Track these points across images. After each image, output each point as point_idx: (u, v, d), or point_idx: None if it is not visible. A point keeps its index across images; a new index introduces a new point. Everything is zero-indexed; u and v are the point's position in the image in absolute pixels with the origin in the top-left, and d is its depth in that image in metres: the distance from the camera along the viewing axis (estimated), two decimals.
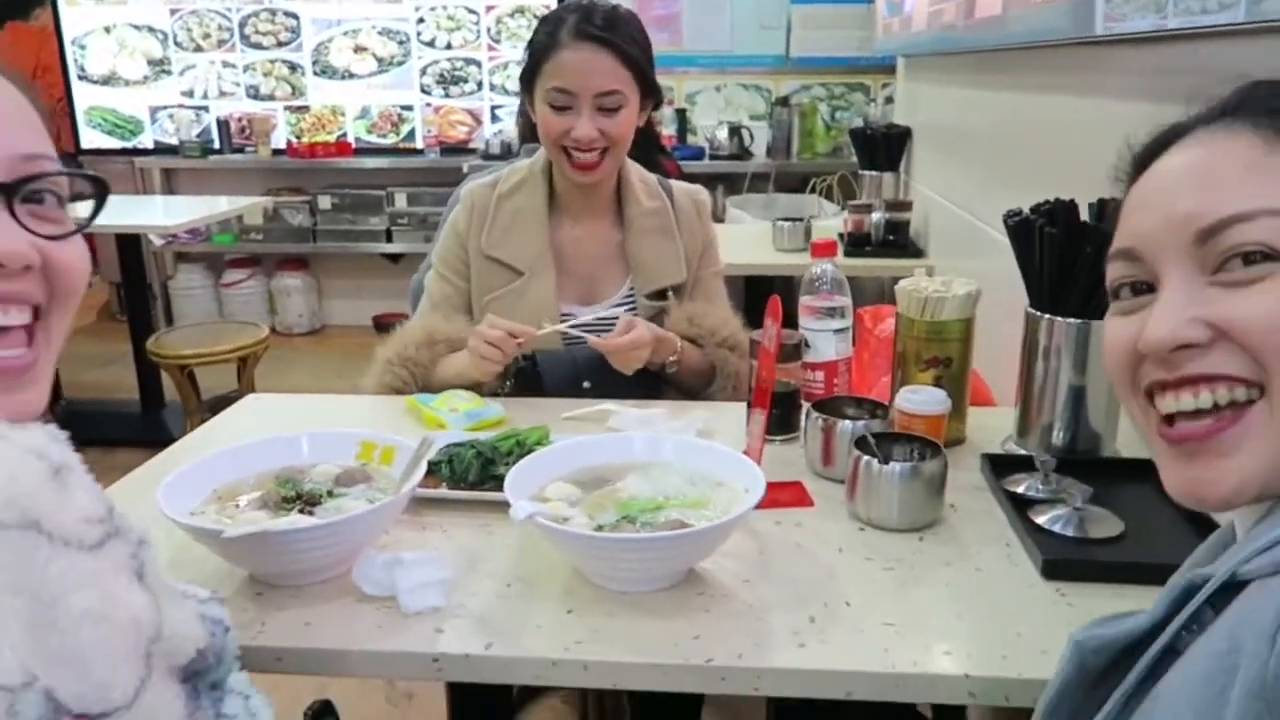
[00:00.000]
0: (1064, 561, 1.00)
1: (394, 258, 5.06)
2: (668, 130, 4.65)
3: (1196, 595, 0.62)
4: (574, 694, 2.12)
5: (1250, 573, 0.58)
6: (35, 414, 0.69)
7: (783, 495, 1.18)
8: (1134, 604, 0.70)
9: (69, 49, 5.00)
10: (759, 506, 1.02)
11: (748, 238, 3.06)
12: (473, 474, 1.18)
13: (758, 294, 2.68)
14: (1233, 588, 0.60)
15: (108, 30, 5.03)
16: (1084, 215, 1.23)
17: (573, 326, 1.51)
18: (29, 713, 0.51)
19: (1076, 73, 1.64)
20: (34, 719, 0.51)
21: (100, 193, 0.75)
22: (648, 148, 2.36)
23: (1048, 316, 1.24)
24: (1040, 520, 1.08)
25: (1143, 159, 0.69)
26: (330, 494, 1.05)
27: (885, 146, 3.16)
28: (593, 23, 1.47)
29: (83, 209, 0.74)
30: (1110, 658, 0.65)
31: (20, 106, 0.69)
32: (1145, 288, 0.65)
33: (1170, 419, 0.64)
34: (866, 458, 1.11)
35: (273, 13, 4.97)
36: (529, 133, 2.33)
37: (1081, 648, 0.66)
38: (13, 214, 0.66)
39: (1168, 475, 0.65)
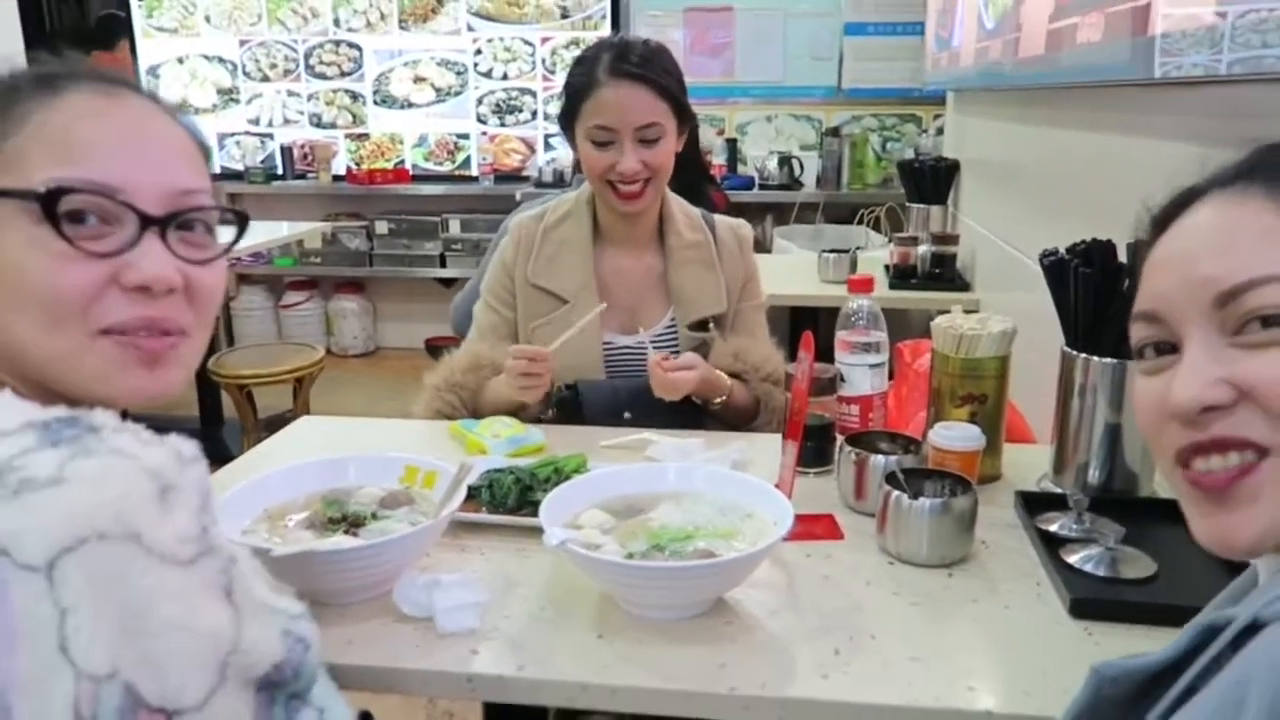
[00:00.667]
0: (1093, 601, 1.01)
1: (447, 282, 5.16)
2: (718, 160, 4.70)
3: (1219, 637, 0.63)
4: (609, 718, 2.13)
5: (1271, 616, 0.59)
6: (176, 392, 0.78)
7: (814, 527, 1.20)
8: (1162, 645, 0.70)
9: (144, 78, 5.22)
10: (790, 538, 1.04)
11: (794, 268, 3.08)
12: (511, 499, 1.22)
13: (802, 325, 2.70)
14: (1254, 630, 0.61)
15: (180, 61, 5.24)
16: (1122, 255, 1.23)
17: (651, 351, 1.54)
18: (110, 701, 0.58)
19: (1124, 112, 1.64)
20: (114, 708, 0.58)
21: (242, 223, 0.86)
22: (695, 177, 2.41)
23: (1083, 356, 1.25)
24: (1071, 559, 1.09)
25: (1160, 220, 0.70)
26: (374, 516, 1.10)
27: (933, 179, 3.16)
28: (629, 60, 1.52)
29: (228, 234, 0.84)
30: (1127, 689, 0.66)
31: (183, 145, 0.80)
32: (1169, 348, 0.67)
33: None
34: (896, 492, 1.12)
35: (337, 44, 5.14)
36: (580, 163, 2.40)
37: (1099, 675, 0.67)
38: (165, 241, 0.75)
39: (1195, 526, 0.67)
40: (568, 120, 1.59)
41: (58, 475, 0.60)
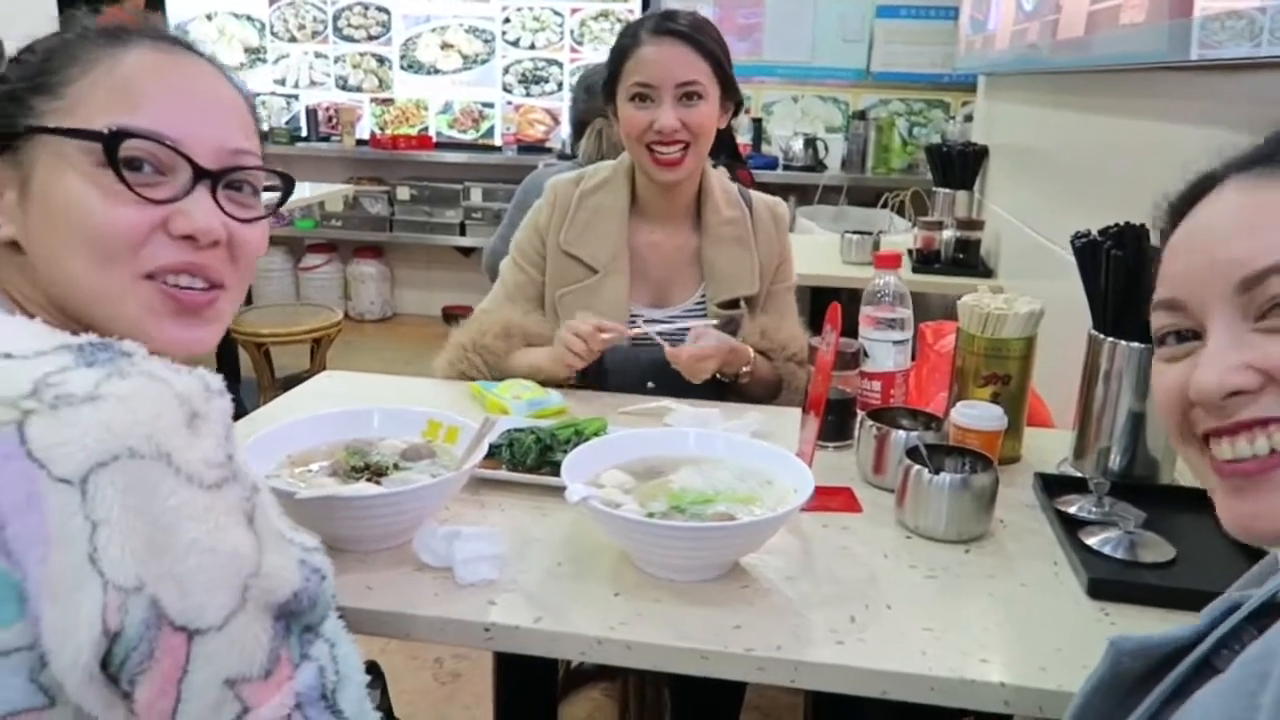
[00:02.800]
0: (1111, 582, 1.00)
1: (466, 251, 5.16)
2: (743, 139, 4.67)
3: (1235, 613, 0.63)
4: (614, 686, 2.15)
5: None
6: (209, 347, 0.81)
7: (832, 500, 1.20)
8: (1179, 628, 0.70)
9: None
10: (807, 508, 1.04)
11: (816, 249, 3.06)
12: (531, 458, 1.23)
13: (822, 305, 2.68)
14: (1275, 609, 0.61)
15: (209, 17, 5.24)
16: (1155, 240, 1.22)
17: (649, 327, 1.53)
18: (137, 613, 0.60)
19: (1162, 97, 1.62)
20: (139, 620, 0.60)
21: (288, 186, 0.89)
22: (724, 154, 2.40)
23: (1110, 340, 1.24)
24: (1090, 541, 1.08)
25: (1179, 208, 0.69)
26: (396, 467, 1.10)
27: (961, 165, 3.14)
28: (672, 20, 1.52)
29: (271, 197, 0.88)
30: (1146, 664, 0.66)
31: (238, 106, 0.83)
32: (1190, 334, 0.66)
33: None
34: (917, 467, 1.12)
35: (365, 7, 5.13)
36: (579, 130, 2.46)
37: (1117, 649, 0.67)
38: (214, 196, 0.78)
39: (1222, 510, 0.66)
40: (610, 88, 1.58)
41: (94, 392, 0.61)
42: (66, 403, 0.60)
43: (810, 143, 4.65)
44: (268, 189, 0.86)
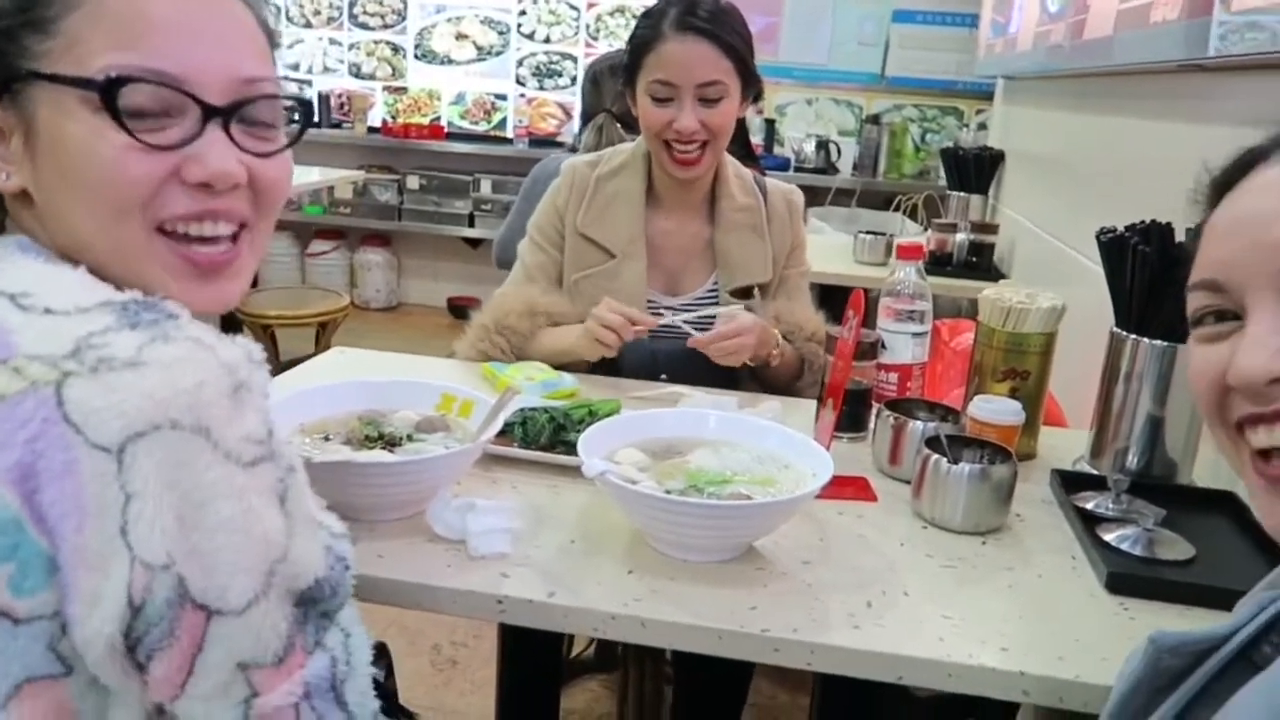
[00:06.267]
0: (1130, 577, 0.99)
1: (474, 243, 5.15)
2: (755, 139, 4.65)
3: (1271, 606, 0.62)
4: (613, 678, 2.14)
5: None
6: (232, 304, 0.76)
7: (847, 488, 1.19)
8: (1201, 625, 0.68)
9: None
10: (822, 495, 1.03)
11: (829, 248, 3.05)
12: (544, 437, 1.21)
13: (834, 302, 2.67)
14: None
15: None
16: (1180, 238, 1.21)
17: (674, 317, 1.50)
18: (162, 592, 0.58)
19: (1183, 99, 1.61)
20: (163, 599, 0.58)
21: (306, 113, 0.80)
22: (739, 150, 2.39)
23: (1133, 337, 1.23)
24: (1108, 537, 1.07)
25: (1222, 184, 0.67)
26: (410, 438, 1.09)
27: (975, 168, 3.13)
28: (695, 14, 1.48)
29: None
30: (1185, 661, 0.65)
31: (246, 28, 0.73)
32: (1231, 315, 0.63)
33: (1265, 454, 0.62)
34: (936, 456, 1.11)
35: None
36: (587, 121, 2.44)
37: (1157, 645, 0.65)
38: (228, 134, 0.71)
39: (1265, 513, 0.64)
40: (630, 75, 1.56)
41: (136, 357, 0.58)
42: (108, 366, 0.57)
43: (823, 145, 4.64)
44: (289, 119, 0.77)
